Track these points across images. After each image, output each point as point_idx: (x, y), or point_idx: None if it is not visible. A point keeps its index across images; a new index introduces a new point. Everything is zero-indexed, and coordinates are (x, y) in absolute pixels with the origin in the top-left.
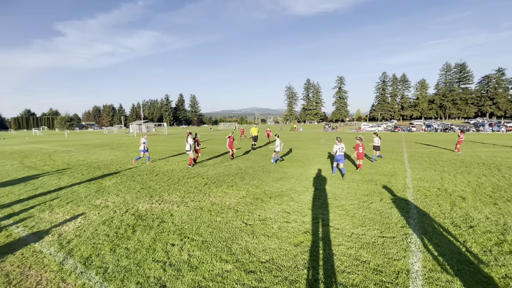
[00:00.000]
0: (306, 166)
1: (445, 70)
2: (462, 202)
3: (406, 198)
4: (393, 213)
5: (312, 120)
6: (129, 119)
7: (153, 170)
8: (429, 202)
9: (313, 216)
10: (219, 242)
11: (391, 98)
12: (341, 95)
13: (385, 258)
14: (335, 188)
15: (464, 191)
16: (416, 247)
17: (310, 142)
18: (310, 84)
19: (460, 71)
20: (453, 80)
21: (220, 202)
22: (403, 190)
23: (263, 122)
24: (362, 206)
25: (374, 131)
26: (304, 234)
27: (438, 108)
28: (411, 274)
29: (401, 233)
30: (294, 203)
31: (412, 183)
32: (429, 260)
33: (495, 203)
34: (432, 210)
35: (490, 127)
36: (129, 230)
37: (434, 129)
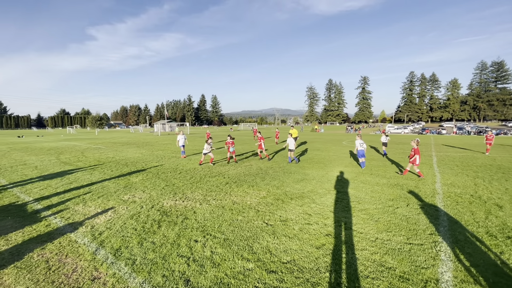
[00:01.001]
0: (328, 168)
1: (480, 69)
2: (499, 210)
3: (435, 204)
4: (421, 219)
5: (334, 121)
6: (153, 118)
7: (177, 168)
8: (461, 209)
9: (335, 219)
10: (241, 241)
11: (419, 98)
12: (364, 95)
13: (412, 265)
14: (358, 191)
15: (501, 199)
16: (446, 256)
17: (331, 143)
18: (332, 84)
19: (497, 69)
20: (489, 79)
21: (241, 202)
22: (432, 195)
23: (283, 122)
24: (387, 211)
25: (383, 130)
26: (326, 237)
27: (471, 109)
28: (440, 283)
29: (429, 240)
30: (315, 205)
31: (442, 188)
32: (460, 270)
33: None
34: (464, 217)
35: None
36: (155, 225)
37: (467, 132)
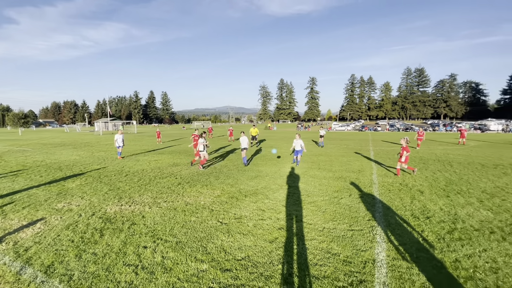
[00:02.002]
0: (280, 165)
1: (406, 74)
2: (421, 195)
3: (372, 193)
4: (361, 207)
5: (286, 119)
6: (94, 116)
7: (122, 170)
8: (392, 196)
9: (287, 213)
10: (194, 242)
11: (359, 99)
12: (313, 95)
13: (354, 249)
14: (307, 185)
15: (422, 186)
16: (381, 238)
17: (283, 141)
18: (283, 84)
19: (419, 75)
20: (413, 83)
21: (194, 202)
22: (370, 185)
23: (237, 121)
24: (333, 202)
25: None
26: (278, 231)
27: (400, 109)
28: (376, 263)
29: (368, 226)
30: (268, 200)
31: (377, 179)
32: (392, 249)
33: (448, 196)
34: (395, 203)
35: (444, 127)
36: (97, 234)
37: (397, 129)
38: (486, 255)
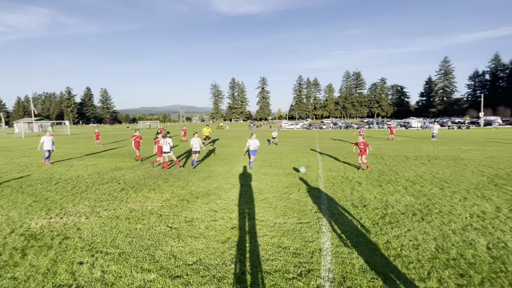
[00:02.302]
0: (232, 164)
1: (346, 77)
2: (359, 186)
3: (318, 187)
4: (308, 201)
5: (238, 118)
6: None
7: (51, 178)
8: (335, 188)
9: (240, 212)
10: (140, 252)
11: (306, 99)
12: (264, 95)
13: (302, 241)
14: (259, 183)
15: (360, 177)
16: (326, 228)
17: (236, 140)
18: (235, 83)
19: (356, 78)
20: (352, 85)
21: (140, 208)
22: (316, 180)
23: (188, 120)
24: (283, 198)
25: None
26: (231, 230)
27: (341, 109)
28: (322, 252)
29: (315, 217)
30: (221, 200)
31: (323, 173)
32: (335, 237)
33: (380, 185)
34: (337, 195)
35: (377, 125)
36: (17, 255)
37: (339, 127)
38: (409, 235)
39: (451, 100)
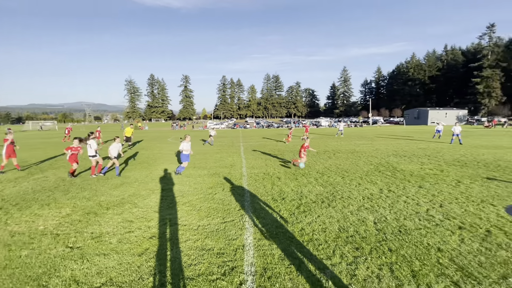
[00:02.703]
0: (152, 167)
1: (266, 79)
2: (278, 181)
3: (242, 185)
4: (232, 199)
5: (159, 118)
6: None
7: None
8: (258, 185)
9: (160, 218)
10: (26, 284)
11: (230, 99)
12: (187, 93)
13: (226, 240)
14: (182, 186)
15: (279, 173)
16: (249, 224)
17: (157, 141)
18: (154, 79)
19: (276, 81)
20: (272, 87)
21: (27, 230)
22: (240, 178)
23: (98, 120)
24: (208, 198)
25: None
26: (149, 240)
27: (263, 109)
28: (245, 247)
29: (238, 215)
30: (138, 209)
31: (246, 171)
32: (257, 232)
33: (296, 179)
34: (259, 191)
35: (294, 124)
36: None
37: (262, 126)
38: (319, 220)
39: (349, 103)
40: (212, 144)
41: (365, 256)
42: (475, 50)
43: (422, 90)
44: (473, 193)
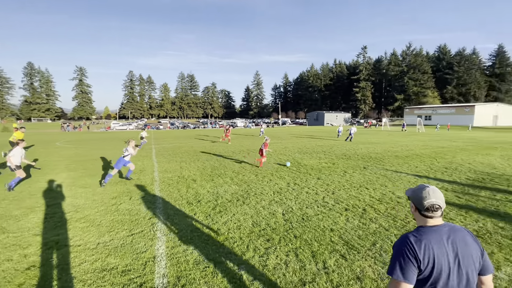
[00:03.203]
0: (32, 180)
1: (181, 78)
2: (194, 183)
3: (153, 191)
4: (142, 208)
5: (44, 117)
6: None
7: None
8: (171, 189)
9: (43, 242)
10: None
11: (140, 97)
12: (83, 89)
13: (134, 254)
14: (76, 199)
15: (195, 175)
16: (161, 233)
17: (40, 145)
18: (34, 69)
19: (191, 80)
20: (187, 87)
21: None
22: (151, 183)
23: None
24: (110, 210)
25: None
26: (26, 272)
27: (178, 109)
28: (156, 258)
29: (149, 224)
30: (8, 235)
31: (159, 176)
32: (171, 239)
33: (212, 179)
34: (173, 195)
35: (211, 125)
36: None
37: (177, 127)
38: (234, 218)
39: (262, 105)
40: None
41: (275, 246)
42: (354, 66)
43: (320, 96)
44: (354, 180)
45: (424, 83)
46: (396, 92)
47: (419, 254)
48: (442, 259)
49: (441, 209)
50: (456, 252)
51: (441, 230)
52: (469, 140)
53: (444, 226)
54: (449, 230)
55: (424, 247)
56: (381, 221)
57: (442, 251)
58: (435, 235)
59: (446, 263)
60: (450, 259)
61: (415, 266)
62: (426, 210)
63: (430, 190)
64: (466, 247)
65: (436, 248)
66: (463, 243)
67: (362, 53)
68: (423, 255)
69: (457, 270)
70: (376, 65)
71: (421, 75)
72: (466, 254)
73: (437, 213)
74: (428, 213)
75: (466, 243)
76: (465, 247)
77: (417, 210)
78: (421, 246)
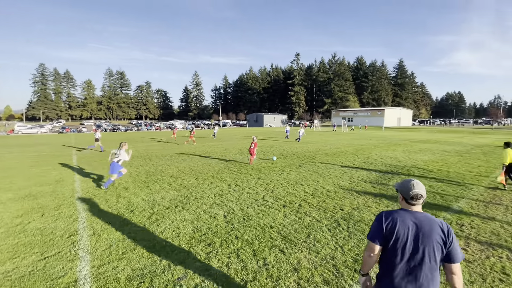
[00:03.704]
0: None
1: (108, 75)
2: (126, 191)
3: (74, 204)
4: (59, 225)
5: None
6: None
7: None
8: (98, 200)
9: None
10: None
11: (55, 95)
12: None
13: (48, 282)
14: None
15: (127, 182)
16: (84, 251)
17: None
18: None
19: (121, 78)
20: (116, 85)
21: None
22: (71, 196)
23: None
24: (14, 232)
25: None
26: None
27: (106, 109)
28: (79, 281)
29: (68, 244)
30: None
31: (81, 186)
32: (97, 257)
33: (148, 186)
34: (100, 207)
35: (145, 127)
36: None
37: (104, 129)
38: (173, 225)
39: (202, 107)
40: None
41: (216, 250)
42: (289, 71)
43: (259, 98)
44: (291, 178)
45: (347, 89)
46: (325, 96)
47: (384, 223)
48: (402, 232)
49: (423, 198)
50: (417, 231)
51: (414, 213)
52: (380, 138)
53: (420, 213)
54: (422, 216)
55: (390, 219)
56: (314, 214)
57: (404, 226)
58: (406, 215)
59: (404, 236)
60: (410, 234)
61: (382, 232)
62: (411, 199)
63: (415, 183)
64: (430, 232)
65: (399, 222)
66: (428, 227)
67: (295, 59)
68: (386, 225)
69: (413, 245)
70: (308, 71)
71: (344, 82)
72: (427, 236)
73: (419, 201)
74: (413, 201)
75: (432, 229)
76: (429, 231)
77: (404, 200)
78: (388, 218)
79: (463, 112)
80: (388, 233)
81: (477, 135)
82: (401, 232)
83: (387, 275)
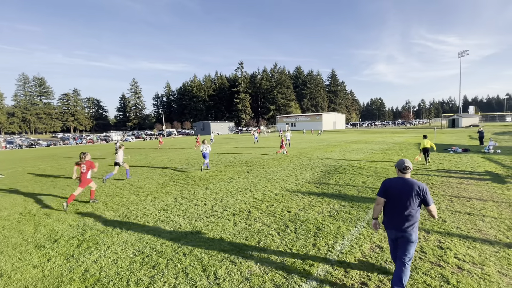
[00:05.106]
0: None
1: (23, 81)
2: (48, 218)
3: None
4: None
5: None
6: None
7: None
8: (9, 233)
9: None
10: None
11: None
12: None
13: None
14: None
15: (51, 205)
16: None
17: None
18: None
19: (40, 85)
20: (33, 93)
21: None
22: None
23: None
24: None
25: None
26: None
27: (21, 122)
28: None
29: None
30: None
31: None
32: None
33: (77, 209)
34: (12, 241)
35: (74, 140)
36: None
37: (19, 146)
38: (110, 251)
39: (143, 116)
40: None
41: (162, 272)
42: (234, 79)
43: (204, 106)
44: (240, 185)
45: (289, 96)
46: (269, 103)
47: (385, 185)
48: (394, 190)
49: (410, 168)
50: (403, 188)
51: (404, 179)
52: (320, 141)
53: (408, 179)
54: (409, 180)
55: (388, 182)
56: (263, 219)
57: (395, 186)
58: (398, 180)
59: (396, 192)
60: (399, 190)
61: (383, 190)
62: (403, 169)
63: (406, 160)
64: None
65: (393, 183)
66: (410, 186)
67: (239, 67)
68: (386, 186)
69: (399, 197)
70: (252, 80)
71: (285, 89)
72: (406, 191)
73: (408, 170)
74: (404, 171)
75: (411, 187)
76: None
77: (399, 171)
78: (386, 182)
79: (384, 115)
80: (387, 190)
81: (395, 134)
82: (394, 189)
83: (386, 215)
